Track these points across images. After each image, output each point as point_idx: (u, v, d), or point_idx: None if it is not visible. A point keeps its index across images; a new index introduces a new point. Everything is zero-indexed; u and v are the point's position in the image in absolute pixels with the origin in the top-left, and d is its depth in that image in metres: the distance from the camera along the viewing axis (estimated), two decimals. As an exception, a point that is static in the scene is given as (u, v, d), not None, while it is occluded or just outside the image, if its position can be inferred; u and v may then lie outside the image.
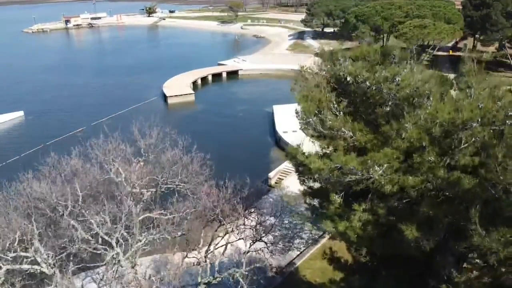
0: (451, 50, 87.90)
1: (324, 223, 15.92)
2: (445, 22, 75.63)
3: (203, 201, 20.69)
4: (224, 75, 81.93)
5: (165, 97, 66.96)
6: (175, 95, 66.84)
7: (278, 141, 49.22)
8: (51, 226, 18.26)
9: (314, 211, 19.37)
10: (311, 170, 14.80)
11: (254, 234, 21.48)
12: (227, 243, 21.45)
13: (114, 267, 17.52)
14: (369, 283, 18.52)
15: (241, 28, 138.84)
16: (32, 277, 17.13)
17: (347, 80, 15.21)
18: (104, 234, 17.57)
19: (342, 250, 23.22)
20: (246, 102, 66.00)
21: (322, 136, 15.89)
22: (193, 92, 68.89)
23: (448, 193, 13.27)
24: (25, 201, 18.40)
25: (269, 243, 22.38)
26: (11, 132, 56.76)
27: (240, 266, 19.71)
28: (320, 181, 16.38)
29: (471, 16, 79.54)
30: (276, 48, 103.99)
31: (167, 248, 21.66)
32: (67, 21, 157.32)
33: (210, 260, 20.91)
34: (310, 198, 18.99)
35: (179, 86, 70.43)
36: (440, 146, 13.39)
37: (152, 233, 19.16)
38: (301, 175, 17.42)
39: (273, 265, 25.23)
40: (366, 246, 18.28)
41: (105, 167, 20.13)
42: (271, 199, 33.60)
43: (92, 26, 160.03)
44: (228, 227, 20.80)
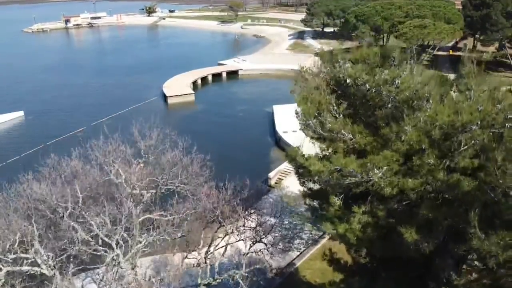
0: (451, 50, 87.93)
1: (324, 225, 15.94)
2: (445, 22, 75.62)
3: (203, 203, 20.75)
4: (224, 75, 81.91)
5: (165, 97, 66.96)
6: (175, 95, 66.83)
7: (278, 141, 49.22)
8: (51, 228, 18.32)
9: (314, 213, 19.39)
10: (311, 172, 14.81)
11: (254, 235, 21.53)
12: (227, 244, 21.49)
13: (114, 269, 17.55)
14: (369, 285, 18.55)
15: (241, 28, 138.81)
16: (32, 279, 17.17)
17: (347, 83, 15.21)
18: (104, 236, 17.60)
19: (342, 251, 23.23)
20: (246, 102, 65.99)
21: (322, 138, 15.89)
22: (193, 92, 68.88)
23: (448, 196, 13.28)
24: (25, 203, 18.45)
25: (269, 244, 22.42)
26: (11, 132, 56.75)
27: (240, 268, 19.76)
28: (320, 183, 16.39)
29: (471, 16, 79.53)
30: (276, 48, 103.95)
31: (167, 249, 21.72)
32: (67, 21, 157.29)
33: (210, 261, 20.96)
34: (310, 200, 19.00)
35: (179, 86, 70.42)
36: (440, 149, 13.40)
37: (152, 235, 19.20)
38: (301, 177, 17.44)
39: (273, 266, 25.25)
40: (366, 247, 18.29)
41: (105, 169, 20.19)
42: (271, 200, 33.64)
43: (92, 26, 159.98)
44: (228, 229, 20.83)
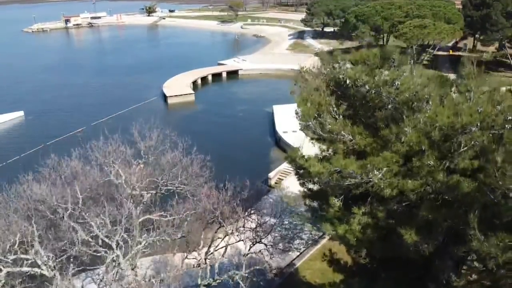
0: (451, 50, 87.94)
1: (324, 226, 15.96)
2: (445, 22, 75.61)
3: (203, 203, 20.74)
4: (224, 75, 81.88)
5: (165, 97, 66.92)
6: (175, 95, 66.79)
7: (278, 141, 49.23)
8: (51, 229, 18.30)
9: (314, 213, 19.40)
10: (311, 174, 14.82)
11: (254, 236, 21.52)
12: (227, 245, 21.48)
13: (114, 269, 17.56)
14: (369, 286, 18.57)
15: (241, 28, 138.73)
16: (32, 280, 17.17)
17: (347, 84, 15.21)
18: (104, 236, 17.61)
19: (342, 252, 23.27)
20: (246, 102, 65.97)
21: (322, 139, 15.90)
22: (193, 92, 68.84)
23: (447, 197, 13.28)
24: (25, 203, 18.45)
25: (269, 245, 22.42)
26: (11, 132, 56.73)
27: (240, 268, 19.77)
28: (320, 184, 16.39)
29: (471, 16, 79.54)
30: (276, 48, 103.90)
31: (167, 250, 21.73)
32: (67, 21, 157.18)
33: (210, 262, 20.94)
34: (310, 200, 19.02)
35: (179, 86, 70.39)
36: (440, 150, 13.41)
37: (152, 235, 19.20)
38: (301, 178, 17.45)
39: (273, 267, 25.24)
40: (366, 248, 18.31)
41: (105, 169, 20.20)
42: (271, 200, 33.61)
43: (92, 26, 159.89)
44: (228, 229, 20.82)
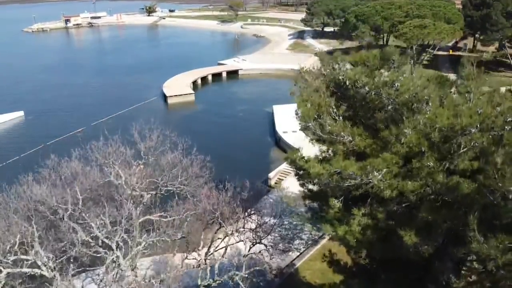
0: (451, 50, 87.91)
1: (324, 227, 15.98)
2: (445, 22, 75.54)
3: (203, 204, 20.71)
4: (224, 75, 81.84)
5: (165, 97, 66.88)
6: (175, 95, 66.75)
7: (278, 141, 49.22)
8: (51, 229, 18.29)
9: (314, 214, 19.42)
10: (311, 175, 14.84)
11: (254, 237, 21.51)
12: (227, 246, 21.47)
13: (114, 270, 17.55)
14: (369, 287, 18.58)
15: (241, 28, 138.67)
16: (32, 280, 17.16)
17: (347, 85, 15.22)
18: (104, 237, 17.60)
19: (342, 252, 23.28)
20: (246, 102, 65.95)
21: (322, 140, 15.90)
22: (193, 92, 68.80)
23: (447, 198, 13.30)
24: (25, 204, 18.44)
25: (269, 246, 22.40)
26: (11, 132, 56.69)
27: (240, 269, 19.75)
28: (320, 185, 16.40)
29: (471, 16, 79.50)
30: (276, 48, 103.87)
31: (167, 250, 21.72)
32: (67, 21, 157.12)
33: (210, 263, 20.92)
34: (310, 201, 19.03)
35: (179, 86, 70.36)
36: (439, 151, 13.42)
37: (152, 236, 19.19)
38: (301, 179, 17.47)
39: (273, 267, 25.24)
40: (366, 249, 18.33)
41: (105, 170, 20.18)
42: (271, 200, 33.60)
43: (92, 26, 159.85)
44: (228, 230, 20.81)
